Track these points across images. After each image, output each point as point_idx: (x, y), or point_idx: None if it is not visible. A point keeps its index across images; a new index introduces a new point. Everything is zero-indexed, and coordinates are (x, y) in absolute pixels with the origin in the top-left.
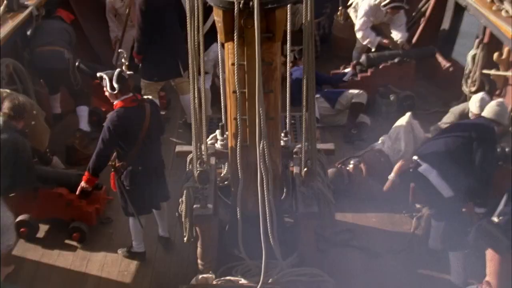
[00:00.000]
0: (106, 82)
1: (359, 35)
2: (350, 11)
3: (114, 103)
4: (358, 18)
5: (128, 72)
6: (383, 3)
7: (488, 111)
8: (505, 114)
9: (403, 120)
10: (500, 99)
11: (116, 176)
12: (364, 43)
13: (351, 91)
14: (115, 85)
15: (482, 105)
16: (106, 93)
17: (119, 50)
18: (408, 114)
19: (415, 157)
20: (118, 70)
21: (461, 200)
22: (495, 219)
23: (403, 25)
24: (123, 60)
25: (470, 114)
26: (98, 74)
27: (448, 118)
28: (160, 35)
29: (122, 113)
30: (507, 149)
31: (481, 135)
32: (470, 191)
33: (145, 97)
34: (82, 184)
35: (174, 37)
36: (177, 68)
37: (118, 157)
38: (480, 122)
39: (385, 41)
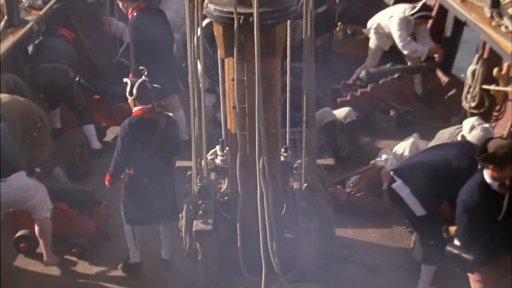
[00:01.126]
0: (128, 87)
1: (405, 51)
2: (370, 32)
3: (132, 111)
4: (396, 36)
5: (154, 85)
6: (411, 12)
7: (473, 136)
8: None
9: (409, 141)
10: (485, 125)
11: (123, 183)
12: (414, 55)
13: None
14: (134, 91)
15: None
16: (128, 100)
17: (140, 68)
18: (414, 134)
19: (392, 173)
20: (142, 78)
21: (434, 218)
22: (457, 241)
23: (427, 35)
24: (144, 77)
25: (460, 138)
26: (124, 80)
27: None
28: (156, 53)
29: (134, 121)
30: None
31: (461, 158)
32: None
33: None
34: (106, 183)
35: (170, 54)
36: (175, 84)
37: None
38: (462, 145)
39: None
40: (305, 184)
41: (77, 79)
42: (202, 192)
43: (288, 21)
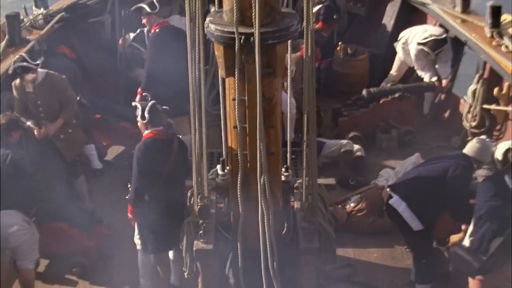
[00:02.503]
0: (139, 111)
1: (420, 74)
2: (398, 46)
3: (143, 134)
4: (414, 62)
5: (163, 107)
6: (422, 42)
7: (468, 148)
8: (485, 152)
9: (410, 160)
10: (482, 137)
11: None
12: (427, 79)
13: (331, 142)
14: (146, 115)
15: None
16: (138, 123)
17: (144, 94)
18: (416, 154)
19: (388, 189)
20: (152, 101)
21: (428, 237)
22: (466, 243)
23: (449, 60)
24: (152, 100)
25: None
26: (133, 103)
27: None
28: (169, 72)
29: (149, 143)
30: None
31: (456, 168)
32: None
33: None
34: (129, 215)
35: (182, 75)
36: (183, 106)
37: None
38: (457, 156)
39: (436, 82)
40: (306, 204)
41: (78, 98)
42: (203, 212)
43: (289, 41)
